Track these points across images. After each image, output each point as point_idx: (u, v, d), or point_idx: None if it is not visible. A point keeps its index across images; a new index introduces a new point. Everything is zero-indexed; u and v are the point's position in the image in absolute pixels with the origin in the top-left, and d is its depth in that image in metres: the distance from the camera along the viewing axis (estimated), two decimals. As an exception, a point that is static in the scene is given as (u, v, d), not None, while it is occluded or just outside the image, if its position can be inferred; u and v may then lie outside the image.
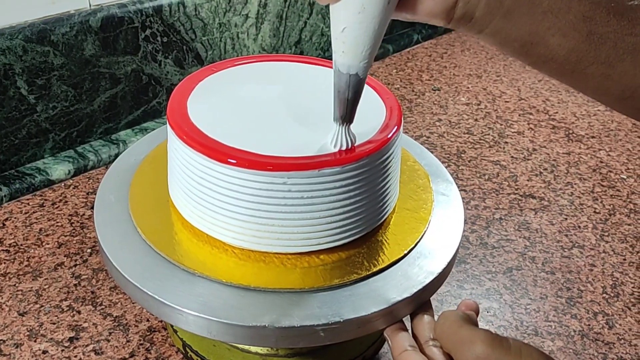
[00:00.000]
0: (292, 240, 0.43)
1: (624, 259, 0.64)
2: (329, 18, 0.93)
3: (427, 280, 0.42)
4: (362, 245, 0.44)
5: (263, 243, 0.43)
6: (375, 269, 0.42)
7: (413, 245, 0.45)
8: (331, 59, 0.49)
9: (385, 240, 0.45)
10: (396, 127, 0.44)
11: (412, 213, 0.48)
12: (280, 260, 0.43)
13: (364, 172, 0.42)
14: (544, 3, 0.34)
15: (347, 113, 0.40)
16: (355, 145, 0.42)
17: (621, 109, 0.39)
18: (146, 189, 0.48)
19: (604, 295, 0.59)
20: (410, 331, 0.41)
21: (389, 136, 0.43)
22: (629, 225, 0.69)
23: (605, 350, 0.53)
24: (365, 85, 0.48)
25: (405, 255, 0.44)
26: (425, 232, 0.46)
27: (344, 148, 0.41)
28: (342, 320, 0.39)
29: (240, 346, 0.48)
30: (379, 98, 0.48)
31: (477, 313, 0.41)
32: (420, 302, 0.43)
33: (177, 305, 0.39)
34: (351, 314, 0.39)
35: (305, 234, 0.42)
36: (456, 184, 0.52)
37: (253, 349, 0.47)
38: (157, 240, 0.44)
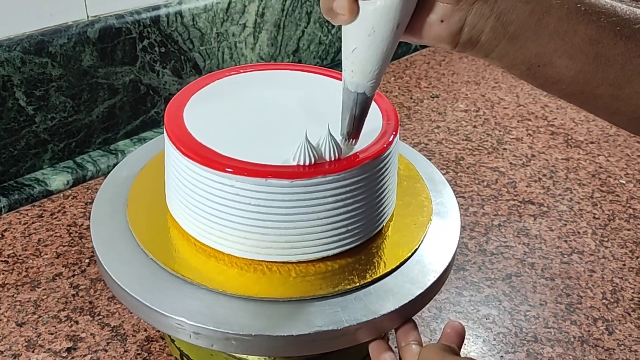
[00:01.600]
0: (288, 249, 0.42)
1: (624, 265, 0.63)
2: (326, 27, 0.93)
3: (418, 292, 0.42)
4: (359, 254, 0.44)
5: (259, 252, 0.43)
6: (370, 279, 0.42)
7: (409, 255, 0.45)
8: (329, 68, 0.50)
9: (382, 249, 0.45)
10: (393, 134, 0.45)
11: (409, 221, 0.48)
12: (276, 269, 0.43)
13: (361, 180, 0.42)
14: (550, 26, 0.34)
15: (353, 129, 0.41)
16: (343, 156, 0.42)
17: (633, 130, 0.39)
18: (144, 199, 0.48)
19: (604, 301, 0.59)
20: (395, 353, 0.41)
21: (386, 143, 0.43)
22: (629, 230, 0.68)
23: (605, 357, 0.53)
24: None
25: (401, 264, 0.44)
26: (421, 241, 0.46)
27: (302, 163, 0.40)
28: (338, 328, 0.39)
29: (238, 355, 0.47)
30: (375, 105, 0.48)
31: (463, 336, 0.41)
32: (413, 312, 0.43)
33: (174, 315, 0.39)
34: (347, 323, 0.39)
35: (301, 242, 0.42)
36: (455, 190, 0.52)
37: (250, 358, 0.47)
38: (154, 250, 0.44)
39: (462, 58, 1.08)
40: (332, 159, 0.41)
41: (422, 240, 0.46)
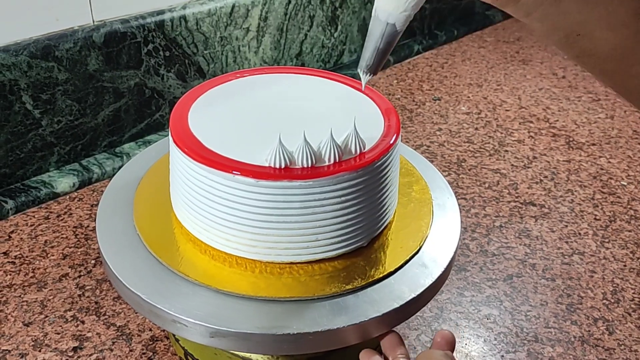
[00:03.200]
0: (291, 250, 0.43)
1: (625, 265, 0.64)
2: (329, 30, 0.94)
3: (418, 292, 0.43)
4: (362, 254, 0.45)
5: (263, 253, 0.43)
6: (373, 279, 0.43)
7: (409, 257, 0.45)
8: (331, 71, 0.50)
9: (384, 250, 0.46)
10: (395, 135, 0.45)
11: (410, 222, 0.48)
12: (280, 270, 0.43)
13: (364, 182, 0.43)
14: None
15: (373, 63, 0.39)
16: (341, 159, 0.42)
17: None
18: (150, 200, 0.49)
19: (605, 301, 0.59)
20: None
21: (388, 145, 0.44)
22: (630, 231, 0.69)
23: (606, 356, 0.53)
24: (363, 95, 0.49)
25: (403, 265, 0.44)
26: (422, 243, 0.46)
27: (277, 166, 0.41)
28: (340, 327, 0.40)
29: (241, 354, 0.48)
30: (376, 107, 0.49)
31: (454, 344, 0.41)
32: (414, 311, 0.43)
33: (179, 314, 0.40)
34: (349, 322, 0.40)
35: (304, 243, 0.43)
36: (456, 192, 0.52)
37: (254, 356, 0.48)
38: (159, 250, 0.44)
39: (465, 60, 1.08)
40: (332, 161, 0.41)
41: (423, 241, 0.46)
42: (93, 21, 0.69)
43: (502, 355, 0.53)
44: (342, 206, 0.42)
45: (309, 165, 0.41)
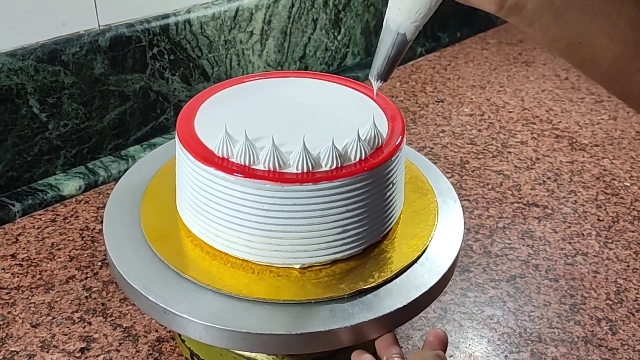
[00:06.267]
0: (297, 253, 0.43)
1: (628, 266, 0.64)
2: (332, 33, 0.95)
3: (422, 292, 0.43)
4: (367, 257, 0.45)
5: (269, 255, 0.44)
6: (378, 281, 0.43)
7: (413, 259, 0.46)
8: (335, 74, 0.51)
9: (389, 251, 0.46)
10: (400, 138, 0.45)
11: (414, 224, 0.49)
12: (287, 272, 0.44)
13: (369, 184, 0.43)
14: (596, 5, 0.34)
15: (384, 70, 0.41)
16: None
17: None
18: (156, 203, 0.50)
19: (608, 301, 0.59)
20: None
21: (393, 148, 0.44)
22: (633, 232, 0.69)
23: (609, 356, 0.54)
24: (368, 98, 0.50)
25: (408, 267, 0.45)
26: (427, 245, 0.47)
27: (299, 170, 0.42)
28: (341, 328, 0.40)
29: (247, 354, 0.48)
30: (381, 110, 0.49)
31: (446, 343, 0.41)
32: (418, 311, 0.43)
33: (187, 315, 0.40)
34: (351, 323, 0.40)
35: (308, 246, 0.43)
36: (460, 193, 0.53)
37: (259, 357, 0.48)
38: (165, 253, 0.45)
39: (468, 62, 1.09)
40: (332, 167, 0.42)
41: (428, 243, 0.47)
42: (99, 25, 0.69)
43: (506, 356, 0.53)
44: (346, 209, 0.42)
45: (334, 167, 0.42)
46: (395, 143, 0.45)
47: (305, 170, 0.41)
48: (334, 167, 0.42)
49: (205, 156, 0.43)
